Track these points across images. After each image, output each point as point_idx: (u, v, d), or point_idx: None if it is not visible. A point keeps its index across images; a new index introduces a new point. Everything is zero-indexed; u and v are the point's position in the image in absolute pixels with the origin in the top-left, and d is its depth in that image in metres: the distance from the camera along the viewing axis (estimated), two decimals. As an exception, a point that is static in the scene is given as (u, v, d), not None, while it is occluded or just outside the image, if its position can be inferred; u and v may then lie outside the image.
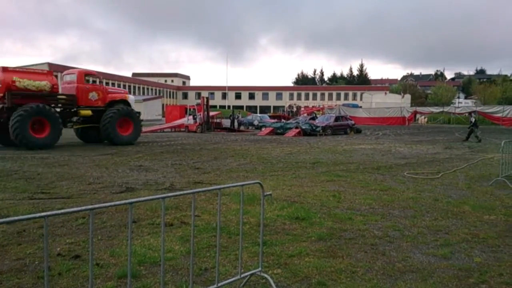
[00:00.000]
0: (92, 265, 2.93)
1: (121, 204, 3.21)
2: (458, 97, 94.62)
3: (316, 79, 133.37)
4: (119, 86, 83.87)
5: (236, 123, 39.55)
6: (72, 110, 19.91)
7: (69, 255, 4.83)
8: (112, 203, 3.18)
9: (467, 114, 24.03)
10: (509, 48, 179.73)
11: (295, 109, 59.80)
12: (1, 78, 17.81)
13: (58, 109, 19.17)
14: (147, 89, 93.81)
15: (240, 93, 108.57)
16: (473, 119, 24.04)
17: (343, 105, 64.09)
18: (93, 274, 3.16)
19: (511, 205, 7.69)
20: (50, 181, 9.76)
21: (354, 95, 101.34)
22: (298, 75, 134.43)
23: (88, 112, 19.95)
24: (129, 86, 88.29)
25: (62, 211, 2.85)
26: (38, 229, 5.79)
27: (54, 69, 67.78)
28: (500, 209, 7.36)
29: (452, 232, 5.96)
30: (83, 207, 2.90)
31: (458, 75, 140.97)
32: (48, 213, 2.68)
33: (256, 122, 40.54)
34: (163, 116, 56.62)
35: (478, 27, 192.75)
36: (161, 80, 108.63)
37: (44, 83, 18.81)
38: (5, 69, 18.12)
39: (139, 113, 21.81)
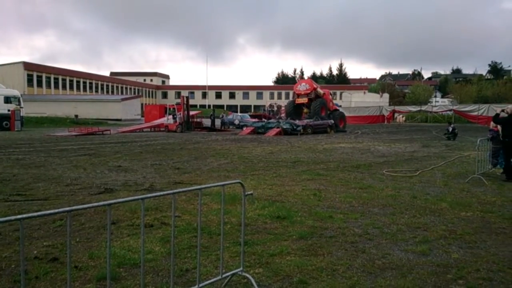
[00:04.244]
0: (70, 268, 2.88)
1: (99, 206, 3.16)
2: (435, 96, 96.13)
3: (296, 79, 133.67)
4: (96, 85, 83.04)
5: (218, 122, 39.43)
6: None
7: (47, 258, 4.73)
8: (90, 205, 3.12)
9: (449, 125, 26.05)
10: (483, 48, 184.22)
11: (275, 108, 59.84)
12: (310, 85, 34.10)
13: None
14: (126, 88, 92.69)
15: (221, 92, 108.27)
16: (450, 128, 25.08)
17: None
18: (71, 277, 3.10)
19: (487, 202, 7.87)
20: (26, 182, 9.55)
21: (334, 94, 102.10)
22: (279, 74, 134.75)
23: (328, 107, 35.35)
24: (107, 86, 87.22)
25: (39, 213, 2.79)
26: (14, 231, 5.66)
27: (30, 68, 66.69)
28: (476, 206, 7.53)
29: (430, 229, 6.07)
30: (61, 209, 2.85)
31: (435, 75, 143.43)
32: (24, 215, 2.62)
33: (237, 122, 40.47)
34: (142, 116, 56.00)
35: (453, 27, 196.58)
36: (140, 79, 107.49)
37: (321, 91, 34.51)
38: (310, 80, 37.41)
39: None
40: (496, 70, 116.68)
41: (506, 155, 10.61)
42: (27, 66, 66.87)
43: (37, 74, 68.40)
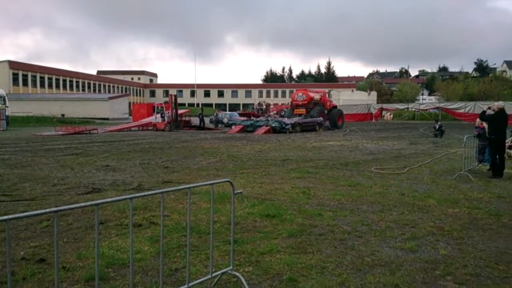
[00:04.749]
0: (57, 269, 2.84)
1: (87, 206, 3.13)
2: (422, 94, 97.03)
3: (285, 77, 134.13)
4: (83, 84, 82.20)
5: (207, 121, 39.55)
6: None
7: (34, 259, 4.68)
8: (78, 205, 3.08)
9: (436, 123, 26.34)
10: (469, 46, 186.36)
11: (264, 106, 59.87)
12: (307, 95, 35.39)
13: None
14: (113, 87, 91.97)
15: (209, 90, 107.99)
16: (437, 126, 25.37)
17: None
18: (59, 278, 3.06)
19: (474, 198, 7.97)
20: (13, 182, 9.42)
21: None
22: (267, 72, 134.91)
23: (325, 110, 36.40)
24: (94, 84, 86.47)
25: (25, 214, 2.75)
26: (0, 232, 5.57)
27: (15, 67, 65.81)
28: (464, 202, 7.61)
29: (418, 225, 6.12)
30: (48, 210, 2.81)
31: (422, 73, 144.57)
32: (10, 216, 2.59)
33: (225, 120, 40.36)
34: (130, 115, 55.54)
35: (439, 25, 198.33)
36: (128, 78, 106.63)
37: (318, 96, 36.03)
38: (307, 90, 37.68)
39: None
40: (481, 68, 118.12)
41: (492, 152, 10.75)
42: (13, 65, 65.99)
43: (22, 73, 67.54)
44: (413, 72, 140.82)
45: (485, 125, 11.46)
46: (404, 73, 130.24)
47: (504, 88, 77.99)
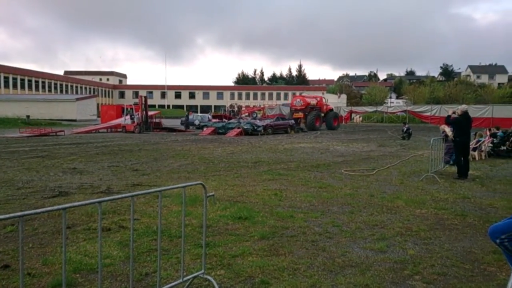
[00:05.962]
0: (22, 275, 2.74)
1: (53, 210, 3.03)
2: (390, 97, 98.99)
3: (256, 79, 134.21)
4: (50, 84, 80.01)
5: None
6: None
7: (-3, 265, 4.50)
8: (44, 209, 2.98)
9: (403, 125, 26.93)
10: (435, 51, 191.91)
11: (236, 108, 59.91)
12: (304, 101, 38.14)
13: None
14: (81, 87, 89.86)
15: (180, 92, 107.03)
16: (405, 128, 25.98)
17: (283, 104, 65.10)
18: (24, 285, 2.95)
19: (440, 199, 8.19)
20: (-26, 186, 9.07)
21: (294, 95, 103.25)
22: (239, 74, 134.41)
23: (321, 114, 38.88)
24: (61, 85, 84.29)
25: (-13, 219, 2.64)
26: (-40, 239, 5.35)
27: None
28: (430, 203, 7.81)
29: (387, 226, 6.23)
30: (12, 214, 2.71)
31: (390, 76, 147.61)
32: (-29, 222, 2.48)
33: (197, 122, 40.13)
34: (98, 116, 54.41)
35: (406, 31, 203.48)
36: (96, 79, 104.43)
37: (314, 101, 38.97)
38: (304, 96, 41.12)
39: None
40: (447, 72, 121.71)
41: (457, 154, 11.07)
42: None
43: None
44: (382, 76, 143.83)
45: (447, 129, 11.79)
46: (373, 77, 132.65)
47: (468, 92, 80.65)
